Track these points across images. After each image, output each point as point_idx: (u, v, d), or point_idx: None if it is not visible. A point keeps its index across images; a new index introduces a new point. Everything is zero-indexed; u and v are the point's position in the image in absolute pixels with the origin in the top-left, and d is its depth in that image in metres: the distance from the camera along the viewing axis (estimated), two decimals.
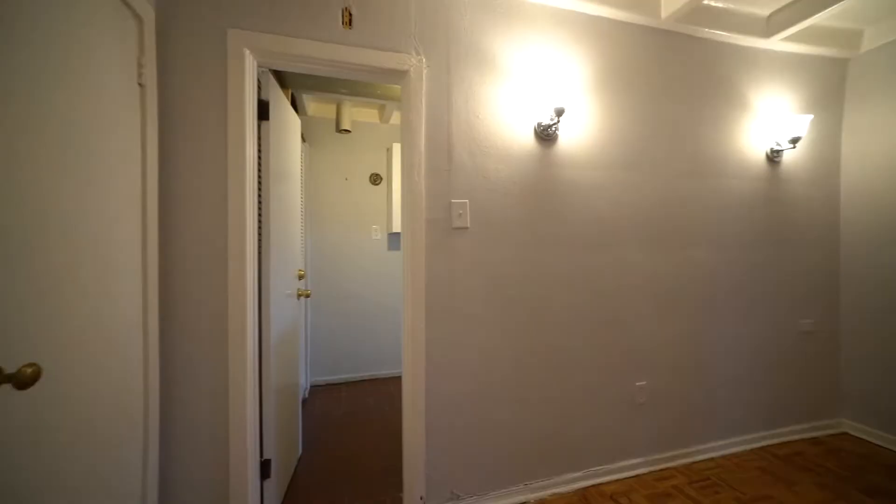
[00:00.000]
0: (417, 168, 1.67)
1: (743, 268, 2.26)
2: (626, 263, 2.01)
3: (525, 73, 1.80)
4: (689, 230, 2.13)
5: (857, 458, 2.15)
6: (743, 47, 2.23)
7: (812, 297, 2.43)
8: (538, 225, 1.86)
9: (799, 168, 2.38)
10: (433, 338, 1.69)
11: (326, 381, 3.39)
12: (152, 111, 1.31)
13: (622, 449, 2.00)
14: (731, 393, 2.23)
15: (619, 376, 2.00)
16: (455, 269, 1.73)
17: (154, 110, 1.32)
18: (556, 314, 1.89)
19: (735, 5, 2.09)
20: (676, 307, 2.11)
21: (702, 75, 2.15)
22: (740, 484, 1.92)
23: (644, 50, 2.04)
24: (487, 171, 1.77)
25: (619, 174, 2.00)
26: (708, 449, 2.17)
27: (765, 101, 2.28)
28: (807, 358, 2.41)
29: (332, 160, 3.44)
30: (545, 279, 1.87)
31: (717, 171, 2.19)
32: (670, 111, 2.09)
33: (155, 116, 1.32)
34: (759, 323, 2.30)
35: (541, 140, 1.85)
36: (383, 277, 3.55)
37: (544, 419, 1.87)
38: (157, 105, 1.33)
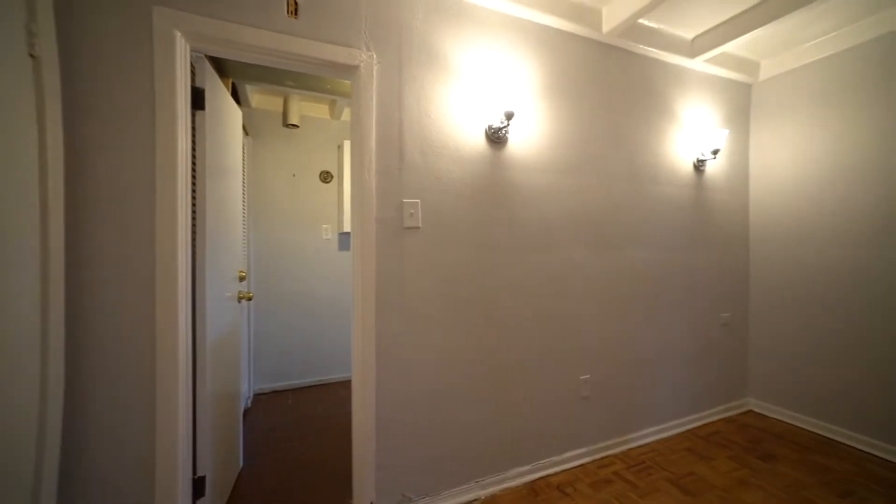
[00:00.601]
0: (368, 166, 1.63)
1: (674, 267, 2.47)
2: (572, 264, 2.12)
3: (476, 76, 1.83)
4: (628, 232, 2.29)
5: (757, 432, 2.45)
6: (673, 65, 2.45)
7: (729, 293, 2.72)
8: (489, 226, 1.90)
9: (719, 177, 2.66)
10: (384, 338, 1.67)
11: (272, 389, 3.21)
12: (53, 89, 1.15)
13: (568, 441, 2.10)
14: (663, 382, 2.43)
15: (566, 372, 2.10)
16: (406, 269, 1.71)
17: (56, 88, 1.17)
18: (507, 313, 1.94)
19: (665, 26, 2.28)
20: (617, 304, 2.25)
21: (638, 88, 2.33)
22: (670, 464, 2.10)
23: (588, 61, 2.16)
24: (439, 171, 1.78)
25: (566, 178, 2.10)
26: (644, 435, 2.34)
27: (691, 115, 2.51)
28: (724, 347, 2.69)
29: (279, 156, 3.27)
30: (496, 279, 1.92)
31: (652, 177, 2.38)
32: (611, 120, 2.23)
33: (57, 95, 1.17)
34: (687, 317, 2.53)
35: (491, 142, 1.89)
36: (334, 278, 3.44)
37: (495, 416, 1.91)
38: (59, 83, 1.18)
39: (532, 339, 2.01)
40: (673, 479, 1.97)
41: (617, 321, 2.25)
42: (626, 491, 1.88)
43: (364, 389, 1.63)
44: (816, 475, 2.01)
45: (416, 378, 1.73)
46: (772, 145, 2.68)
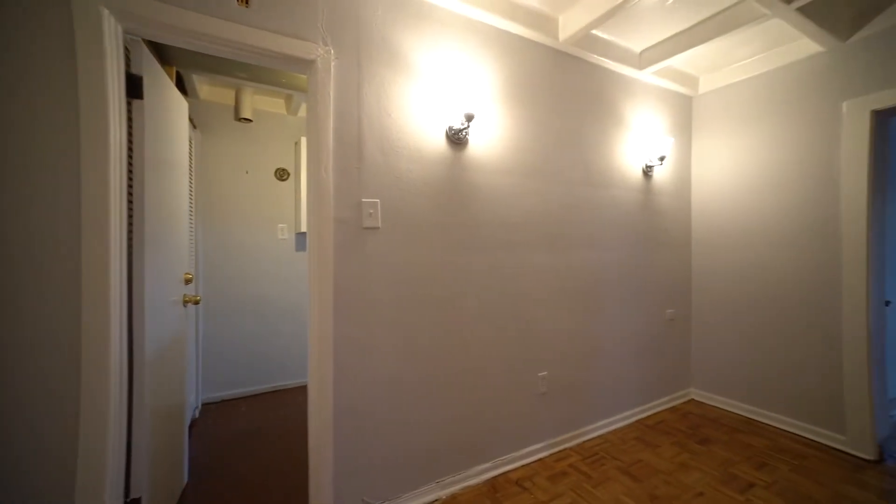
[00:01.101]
0: (325, 164, 1.58)
1: (625, 267, 2.61)
2: (531, 264, 2.18)
3: (437, 77, 1.83)
4: (582, 234, 2.39)
5: (696, 418, 2.65)
6: (623, 75, 2.58)
7: (674, 291, 2.91)
8: (450, 227, 1.91)
9: (665, 182, 2.84)
10: (342, 341, 1.62)
11: (223, 397, 3.03)
12: None
13: (527, 436, 2.16)
14: (614, 376, 2.55)
15: (525, 369, 2.15)
16: (366, 270, 1.68)
17: None
18: (468, 313, 1.96)
19: (616, 39, 2.41)
20: (572, 303, 2.34)
21: (592, 95, 2.43)
22: (621, 454, 2.22)
23: (546, 67, 2.22)
24: (400, 170, 1.76)
25: (525, 180, 2.15)
26: (597, 427, 2.45)
27: (639, 123, 2.67)
28: (669, 342, 2.89)
29: (231, 151, 3.10)
30: (457, 280, 1.93)
31: (605, 181, 2.50)
32: (567, 125, 2.32)
33: None
34: (637, 314, 2.68)
35: (452, 143, 1.90)
36: (291, 280, 3.31)
37: (456, 415, 1.92)
38: None
39: (492, 339, 2.04)
40: (623, 468, 2.08)
41: (572, 319, 2.34)
42: (581, 482, 1.96)
43: (321, 394, 1.58)
44: (741, 452, 2.21)
45: (376, 381, 1.70)
46: (709, 154, 2.91)
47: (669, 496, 1.84)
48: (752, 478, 1.98)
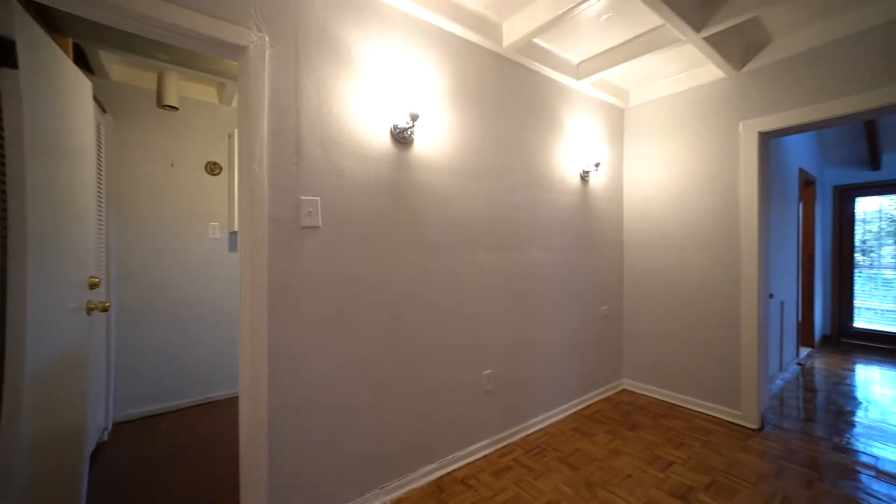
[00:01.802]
0: (258, 159, 1.48)
1: (565, 267, 2.75)
2: (476, 263, 2.21)
3: (382, 74, 1.80)
4: (526, 235, 2.48)
5: (627, 406, 2.87)
6: (563, 84, 2.73)
7: (608, 288, 3.13)
8: (396, 226, 1.88)
9: (600, 187, 3.04)
10: (278, 348, 1.52)
11: (142, 414, 2.72)
12: None
13: (472, 434, 2.19)
14: (555, 371, 2.68)
15: (470, 368, 2.18)
16: (304, 271, 1.59)
17: None
18: (414, 314, 1.94)
19: (556, 49, 2.53)
20: (516, 301, 2.42)
21: (535, 102, 2.54)
22: (560, 445, 2.33)
23: (491, 71, 2.28)
24: (342, 168, 1.70)
25: (470, 181, 2.18)
26: (539, 421, 2.56)
27: (578, 131, 2.83)
28: (604, 336, 3.10)
29: (153, 141, 2.79)
30: (403, 280, 1.90)
31: (547, 185, 2.62)
32: (511, 130, 2.39)
33: None
34: (575, 311, 2.84)
35: (397, 142, 1.87)
36: (224, 283, 3.06)
37: (402, 419, 1.89)
38: None
39: (438, 339, 2.04)
40: (562, 458, 2.18)
41: (516, 317, 2.42)
42: (523, 475, 2.03)
43: (254, 405, 1.47)
44: (663, 435, 2.43)
45: (316, 387, 1.62)
46: (639, 162, 3.17)
47: (603, 481, 1.97)
48: (671, 457, 2.19)
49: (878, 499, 1.85)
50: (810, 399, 3.07)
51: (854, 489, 1.93)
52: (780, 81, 2.42)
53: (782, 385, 3.34)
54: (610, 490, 1.90)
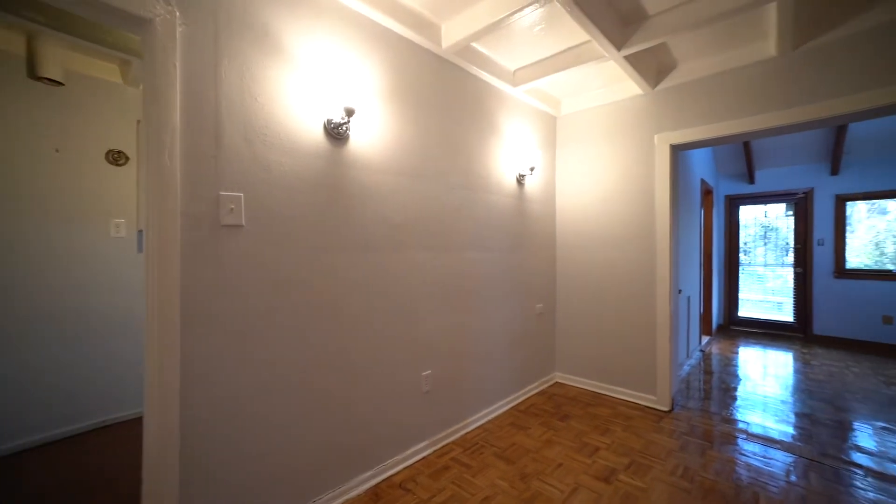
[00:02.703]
0: (169, 148, 1.31)
1: (502, 266, 2.84)
2: (415, 264, 2.19)
3: (315, 65, 1.70)
4: (464, 235, 2.52)
5: (560, 398, 3.05)
6: (501, 90, 2.81)
7: (542, 287, 3.30)
8: (330, 226, 1.79)
9: (535, 190, 3.19)
10: (194, 360, 1.37)
11: (12, 449, 2.27)
12: None
13: (411, 437, 2.16)
14: (492, 368, 2.76)
15: (408, 370, 2.16)
16: (225, 274, 1.45)
17: None
18: (349, 317, 1.87)
19: (494, 55, 2.60)
20: (454, 301, 2.44)
21: (473, 105, 2.59)
22: (497, 440, 2.40)
23: (430, 72, 2.27)
24: (269, 162, 1.57)
25: (409, 181, 2.16)
26: (478, 418, 2.61)
27: (514, 135, 2.94)
28: (538, 333, 3.25)
29: (27, 121, 2.34)
30: (338, 282, 1.82)
31: (485, 186, 2.68)
32: (450, 131, 2.41)
33: None
34: (511, 310, 2.94)
35: (331, 138, 1.78)
36: (131, 287, 2.69)
37: (336, 427, 1.81)
38: None
39: (376, 341, 1.98)
40: (499, 453, 2.25)
41: (455, 317, 2.44)
42: (461, 474, 2.05)
43: (162, 425, 1.30)
44: (591, 423, 2.62)
45: (238, 400, 1.49)
46: (569, 168, 3.38)
47: (536, 472, 2.06)
48: (598, 443, 2.36)
49: (747, 455, 2.23)
50: (708, 381, 3.51)
51: (733, 451, 2.27)
52: (685, 101, 2.73)
53: (688, 370, 3.78)
54: (543, 480, 1.99)
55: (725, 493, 1.89)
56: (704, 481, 1.98)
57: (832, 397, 3.13)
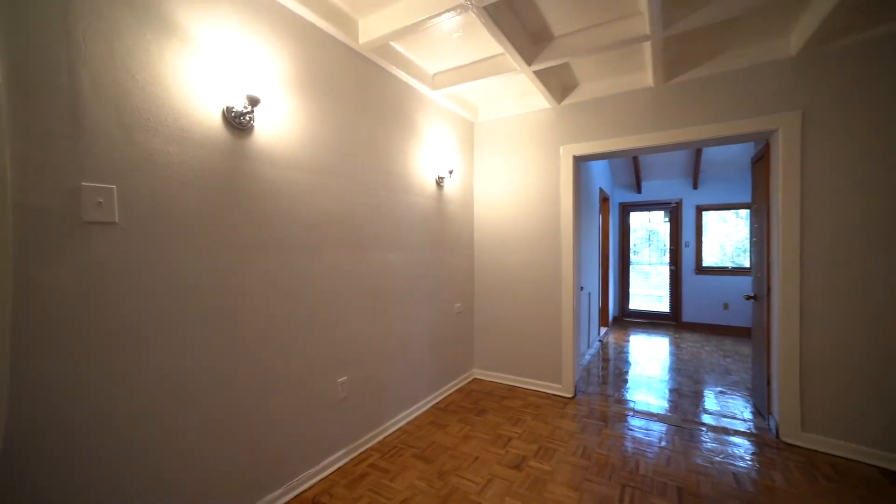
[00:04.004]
0: None
1: (421, 267, 2.86)
2: (331, 266, 2.09)
3: (213, 46, 1.52)
4: (383, 236, 2.47)
5: (477, 394, 3.18)
6: (421, 92, 2.83)
7: (461, 287, 3.40)
8: (233, 225, 1.62)
9: (454, 193, 3.27)
10: (54, 383, 1.12)
11: None
12: None
13: (325, 447, 2.06)
14: (412, 369, 2.76)
15: (322, 377, 2.05)
16: (90, 279, 1.21)
17: None
18: (256, 325, 1.70)
19: (415, 57, 2.61)
20: (372, 304, 2.39)
21: (394, 106, 2.56)
22: (416, 441, 2.40)
23: (348, 67, 2.19)
24: (153, 151, 1.36)
25: (325, 179, 2.05)
26: (397, 421, 2.59)
27: (434, 138, 2.98)
28: (458, 331, 3.35)
29: None
30: (242, 286, 1.65)
31: (404, 187, 2.66)
32: (369, 130, 2.35)
33: None
34: (431, 310, 2.98)
35: (233, 128, 1.61)
36: None
37: (241, 443, 1.64)
38: None
39: (287, 349, 1.84)
40: (418, 454, 2.26)
41: (372, 319, 2.39)
42: (379, 479, 2.01)
43: None
44: (505, 415, 2.78)
45: (111, 428, 1.26)
46: (487, 172, 3.54)
47: (454, 468, 2.11)
48: (511, 433, 2.51)
49: (633, 430, 2.57)
50: (605, 367, 3.96)
51: (623, 428, 2.60)
52: (585, 117, 3.05)
53: (589, 359, 4.22)
54: (460, 475, 2.05)
55: (615, 464, 2.15)
56: (599, 457, 2.22)
57: (692, 372, 3.77)
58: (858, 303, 2.19)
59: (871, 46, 2.14)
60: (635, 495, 1.88)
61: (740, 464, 2.15)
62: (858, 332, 2.19)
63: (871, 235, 2.15)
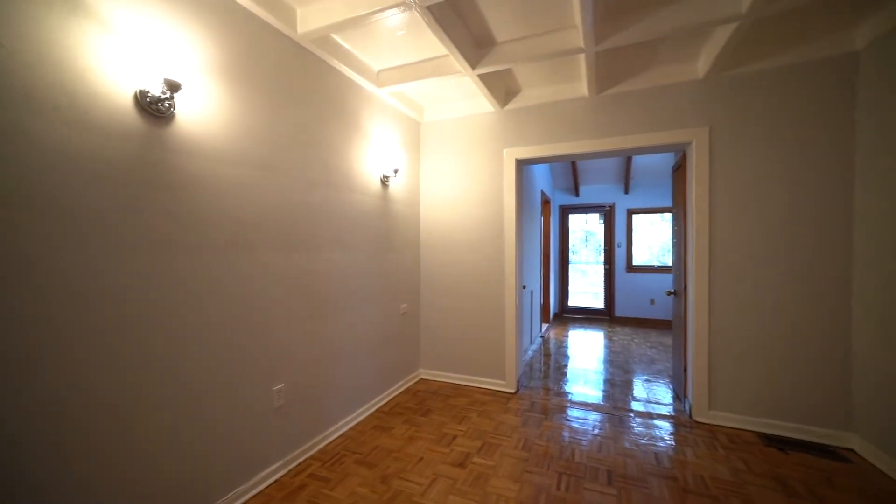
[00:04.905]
0: None
1: (365, 267, 2.79)
2: (266, 266, 1.96)
3: (121, 20, 1.35)
4: (324, 235, 2.37)
5: (423, 394, 3.18)
6: (365, 89, 2.76)
7: (407, 287, 3.37)
8: (149, 222, 1.45)
9: (400, 192, 3.24)
10: None
11: None
12: None
13: (260, 460, 1.93)
14: (355, 372, 2.68)
15: (258, 385, 1.92)
16: None
17: None
18: (177, 331, 1.55)
19: (358, 53, 2.54)
20: (311, 306, 2.28)
21: (335, 100, 2.46)
22: (359, 446, 2.34)
23: (286, 58, 2.07)
24: (36, 134, 1.18)
25: (258, 174, 1.92)
26: (339, 427, 2.50)
27: (379, 136, 2.92)
28: (403, 332, 3.32)
29: None
30: (160, 290, 1.49)
31: (347, 185, 2.58)
32: (310, 124, 2.24)
33: None
34: (376, 311, 2.92)
35: (148, 115, 1.45)
36: None
37: (158, 466, 1.47)
38: None
39: (214, 357, 1.70)
40: (361, 459, 2.20)
41: (311, 323, 2.28)
42: (319, 489, 1.93)
43: None
44: (450, 413, 2.80)
45: None
46: (433, 172, 3.54)
47: (398, 471, 2.09)
48: (456, 431, 2.53)
49: (571, 420, 2.72)
50: (547, 362, 4.16)
51: (561, 418, 2.74)
52: (527, 122, 3.17)
53: (532, 354, 4.40)
54: (404, 478, 2.03)
55: (553, 454, 2.26)
56: (539, 448, 2.32)
57: (623, 363, 4.09)
58: (752, 296, 2.51)
59: (757, 76, 2.49)
60: (570, 482, 1.99)
61: (660, 444, 2.37)
62: (752, 321, 2.52)
63: (764, 236, 2.49)
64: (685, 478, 2.03)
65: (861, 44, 2.25)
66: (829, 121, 2.35)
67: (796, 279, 2.43)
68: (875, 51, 2.19)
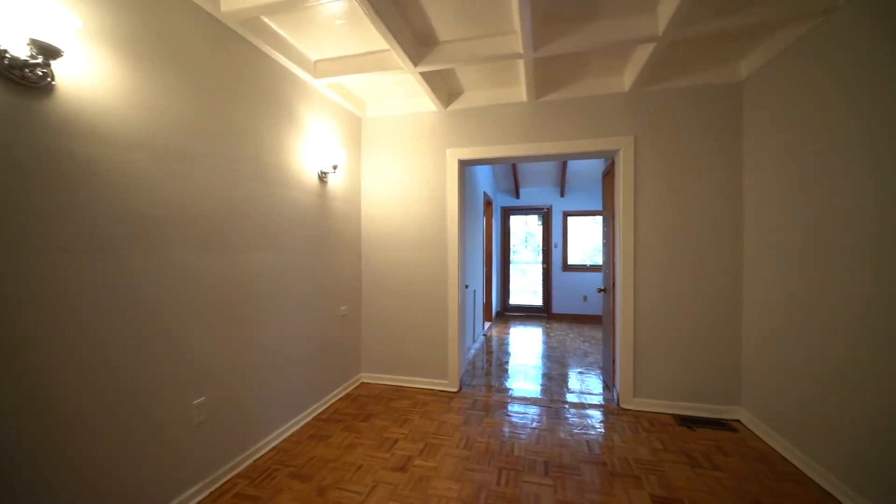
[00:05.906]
0: None
1: (301, 268, 2.62)
2: (183, 268, 1.75)
3: None
4: (253, 234, 2.19)
5: (364, 399, 3.08)
6: (301, 79, 2.60)
7: (347, 288, 3.23)
8: (25, 219, 1.22)
9: (339, 189, 3.10)
10: None
11: None
12: None
13: (176, 483, 1.72)
14: (288, 380, 2.51)
15: (173, 400, 1.70)
16: None
17: None
18: (70, 343, 1.31)
19: (294, 40, 2.38)
20: (238, 311, 2.09)
21: (266, 89, 2.28)
22: (294, 459, 2.19)
23: (208, 38, 1.87)
24: None
25: (173, 165, 1.71)
26: (271, 440, 2.32)
27: (316, 130, 2.77)
28: (342, 335, 3.18)
29: None
30: (44, 297, 1.25)
31: (280, 180, 2.40)
32: (237, 113, 2.05)
33: None
34: (312, 314, 2.75)
35: (14, 84, 1.21)
36: None
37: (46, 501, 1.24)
38: None
39: (121, 371, 1.47)
40: (295, 472, 2.05)
41: (238, 330, 2.09)
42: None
43: None
44: (392, 416, 2.74)
45: None
46: (374, 169, 3.44)
47: (335, 481, 1.98)
48: (397, 434, 2.48)
49: (511, 415, 2.80)
50: (489, 359, 4.25)
51: (503, 414, 2.81)
52: (469, 123, 3.21)
53: (474, 353, 4.47)
54: (342, 488, 1.93)
55: (494, 450, 2.30)
56: (480, 445, 2.35)
57: (559, 357, 4.31)
58: (667, 292, 2.78)
59: (671, 93, 2.78)
60: (510, 475, 2.04)
61: (592, 432, 2.52)
62: (668, 315, 2.79)
63: (675, 239, 2.76)
64: (613, 462, 2.17)
65: (744, 74, 2.61)
66: (724, 143, 2.69)
67: (700, 278, 2.74)
68: (752, 81, 2.55)
